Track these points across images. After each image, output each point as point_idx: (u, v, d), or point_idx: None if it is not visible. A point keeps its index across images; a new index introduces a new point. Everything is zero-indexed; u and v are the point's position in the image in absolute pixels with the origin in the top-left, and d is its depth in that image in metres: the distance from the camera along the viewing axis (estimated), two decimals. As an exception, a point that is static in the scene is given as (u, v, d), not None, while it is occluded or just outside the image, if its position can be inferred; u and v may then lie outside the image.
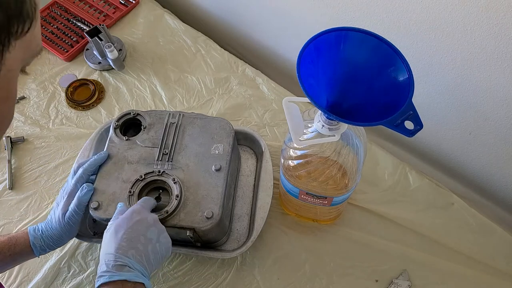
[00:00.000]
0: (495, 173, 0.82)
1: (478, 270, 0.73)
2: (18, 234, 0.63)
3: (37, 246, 0.63)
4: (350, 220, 0.78)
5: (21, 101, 0.94)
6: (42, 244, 0.63)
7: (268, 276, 0.73)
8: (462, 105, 0.74)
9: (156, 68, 0.98)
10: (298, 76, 0.44)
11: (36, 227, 0.64)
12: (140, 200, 0.61)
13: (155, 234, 0.56)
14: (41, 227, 0.64)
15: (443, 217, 0.78)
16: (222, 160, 0.68)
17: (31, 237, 0.63)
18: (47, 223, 0.65)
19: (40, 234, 0.64)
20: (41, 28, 1.02)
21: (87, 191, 0.64)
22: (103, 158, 0.68)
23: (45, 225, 0.65)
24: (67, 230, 0.64)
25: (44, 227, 0.64)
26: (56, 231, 0.63)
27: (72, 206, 0.63)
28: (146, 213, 0.58)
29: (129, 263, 0.51)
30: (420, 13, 0.66)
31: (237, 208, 0.77)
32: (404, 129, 0.44)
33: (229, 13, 1.07)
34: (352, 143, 0.56)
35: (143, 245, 0.54)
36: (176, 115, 0.72)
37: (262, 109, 0.91)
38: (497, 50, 0.61)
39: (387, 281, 0.72)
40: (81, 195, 0.63)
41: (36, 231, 0.64)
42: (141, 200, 0.61)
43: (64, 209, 0.64)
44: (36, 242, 0.63)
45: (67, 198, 0.64)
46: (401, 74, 0.46)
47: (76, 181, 0.65)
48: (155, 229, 0.57)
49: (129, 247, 0.52)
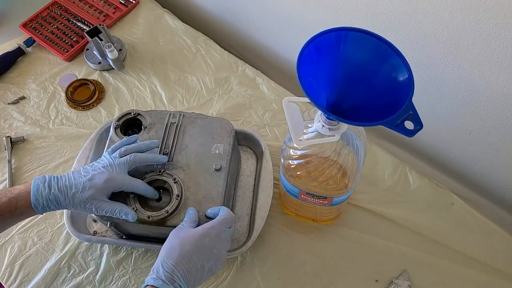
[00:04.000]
0: (495, 173, 0.82)
1: (478, 270, 0.73)
2: (20, 193, 0.58)
3: (40, 203, 0.58)
4: (350, 220, 0.78)
5: (21, 101, 0.94)
6: (48, 199, 0.58)
7: (268, 276, 0.73)
8: (462, 105, 0.74)
9: (156, 68, 0.98)
10: (298, 76, 0.44)
11: (49, 177, 0.59)
12: (219, 222, 0.60)
13: (210, 265, 0.57)
14: (57, 177, 0.59)
15: (443, 217, 0.78)
16: (223, 160, 0.68)
17: (33, 197, 0.57)
18: (69, 173, 0.60)
19: (54, 183, 0.59)
20: (41, 28, 1.03)
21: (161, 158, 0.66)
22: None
23: (66, 174, 0.60)
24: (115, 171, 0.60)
25: (64, 175, 0.60)
26: (81, 179, 0.59)
27: (135, 155, 0.63)
28: (217, 241, 0.58)
29: (179, 280, 0.54)
30: (420, 13, 0.66)
31: (237, 208, 0.77)
32: (404, 129, 0.44)
33: (229, 13, 1.07)
34: (352, 143, 0.56)
35: (196, 271, 0.55)
36: (177, 115, 0.72)
37: (262, 109, 0.91)
38: (497, 50, 0.61)
39: (387, 281, 0.72)
40: (156, 156, 0.65)
41: (45, 182, 0.58)
42: (220, 221, 0.60)
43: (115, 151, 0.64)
44: (39, 198, 0.57)
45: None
46: (401, 74, 0.46)
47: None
48: (213, 263, 0.58)
49: (186, 268, 0.55)
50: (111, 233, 0.74)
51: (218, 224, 0.59)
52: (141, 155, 0.64)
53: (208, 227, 0.59)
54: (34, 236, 0.77)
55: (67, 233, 0.76)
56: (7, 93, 0.95)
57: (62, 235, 0.77)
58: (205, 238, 0.57)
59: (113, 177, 0.60)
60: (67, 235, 0.77)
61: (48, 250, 0.76)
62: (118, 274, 0.73)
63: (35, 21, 1.05)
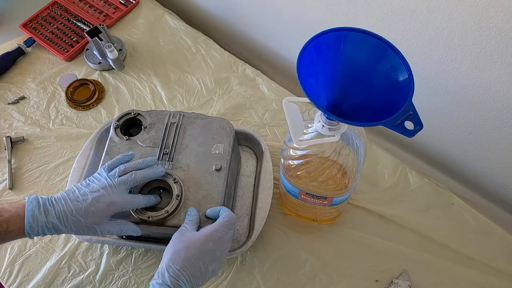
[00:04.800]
0: (495, 173, 0.82)
1: (478, 270, 0.73)
2: (11, 217, 0.54)
3: (35, 231, 0.54)
4: (350, 220, 0.78)
5: (21, 101, 0.94)
6: (44, 227, 0.55)
7: (268, 276, 0.73)
8: (462, 105, 0.74)
9: (156, 68, 0.98)
10: (298, 76, 0.44)
11: (43, 200, 0.56)
12: (222, 224, 0.59)
13: (213, 267, 0.57)
14: (52, 201, 0.56)
15: (443, 217, 0.78)
16: (223, 160, 0.68)
17: (27, 224, 0.54)
18: (64, 196, 0.57)
19: (51, 209, 0.55)
20: (41, 28, 1.03)
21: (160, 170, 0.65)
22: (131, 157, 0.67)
23: (61, 197, 0.57)
24: (115, 192, 0.58)
25: (60, 199, 0.56)
26: (80, 204, 0.56)
27: (135, 174, 0.61)
28: (220, 244, 0.58)
29: (184, 285, 0.54)
30: (420, 14, 0.66)
31: (237, 208, 0.77)
32: (404, 129, 0.44)
33: (229, 12, 1.07)
34: (352, 143, 0.56)
35: (200, 274, 0.56)
36: (177, 115, 0.72)
37: (262, 109, 0.91)
38: (497, 50, 0.61)
39: (387, 281, 0.72)
40: (155, 170, 0.64)
41: (40, 206, 0.55)
42: (223, 223, 0.59)
43: (112, 169, 0.62)
44: (34, 226, 0.54)
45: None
46: (401, 74, 0.46)
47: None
48: (217, 264, 0.58)
49: (191, 272, 0.55)
50: (111, 233, 0.74)
51: (221, 227, 0.59)
52: (141, 173, 0.62)
53: (212, 230, 0.58)
54: (34, 236, 0.77)
55: (67, 233, 0.76)
56: (7, 93, 0.95)
57: (62, 235, 0.77)
58: (209, 242, 0.57)
59: (114, 201, 0.58)
60: (67, 235, 0.77)
61: (48, 250, 0.76)
62: (118, 274, 0.73)
63: (35, 21, 1.05)
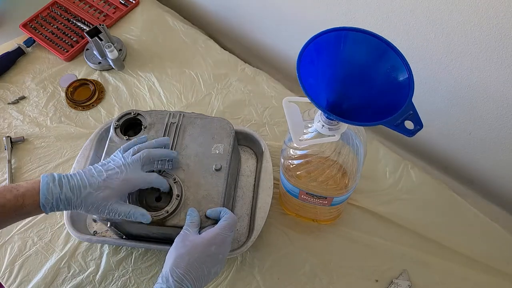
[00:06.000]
0: (495, 173, 0.82)
1: (478, 270, 0.73)
2: (26, 191, 0.54)
3: (49, 203, 0.55)
4: (350, 220, 0.78)
5: (21, 101, 0.94)
6: (58, 199, 0.55)
7: (268, 276, 0.73)
8: (462, 105, 0.74)
9: (156, 68, 0.98)
10: (298, 76, 0.44)
11: (58, 176, 0.56)
12: (224, 227, 0.59)
13: (216, 269, 0.57)
14: (68, 176, 0.57)
15: (444, 217, 0.78)
16: (223, 160, 0.68)
17: (43, 196, 0.54)
18: (80, 172, 0.57)
19: (65, 182, 0.56)
20: (41, 28, 1.03)
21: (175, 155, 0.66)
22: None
23: (76, 173, 0.57)
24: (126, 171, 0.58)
25: (75, 174, 0.57)
26: (95, 179, 0.57)
27: (148, 151, 0.61)
28: (222, 247, 0.58)
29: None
30: (420, 14, 0.66)
31: (237, 208, 0.77)
32: (404, 129, 0.44)
33: (230, 12, 1.07)
34: (352, 143, 0.56)
35: (203, 277, 0.56)
36: (177, 115, 0.72)
37: (262, 106, 0.91)
38: (497, 50, 0.61)
39: (387, 281, 0.72)
40: (168, 151, 0.65)
41: (55, 180, 0.55)
42: (224, 226, 0.59)
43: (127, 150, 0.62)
44: (49, 197, 0.54)
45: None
46: (401, 74, 0.46)
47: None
48: (219, 266, 0.58)
49: (195, 276, 0.55)
50: (111, 233, 0.74)
51: (223, 230, 0.59)
52: (154, 151, 0.63)
53: (214, 233, 0.58)
54: (34, 236, 0.77)
55: (67, 233, 0.76)
56: (7, 93, 0.95)
57: (62, 235, 0.77)
58: (212, 246, 0.57)
59: (128, 178, 0.58)
60: (67, 235, 0.77)
61: (48, 250, 0.76)
62: (118, 274, 0.73)
63: (35, 21, 1.05)
